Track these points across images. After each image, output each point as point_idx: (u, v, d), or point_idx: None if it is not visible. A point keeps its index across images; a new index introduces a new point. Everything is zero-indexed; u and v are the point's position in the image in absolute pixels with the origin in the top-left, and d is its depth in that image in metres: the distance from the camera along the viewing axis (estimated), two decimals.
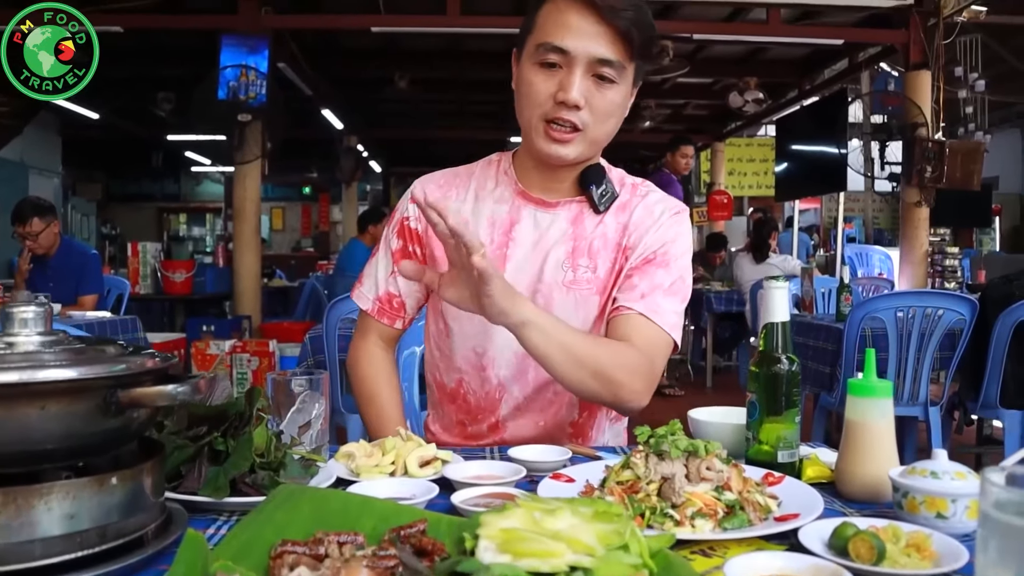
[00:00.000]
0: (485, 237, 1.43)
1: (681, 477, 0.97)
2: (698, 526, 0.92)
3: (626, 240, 1.44)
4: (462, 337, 1.49)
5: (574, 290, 1.43)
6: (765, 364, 1.17)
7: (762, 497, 0.99)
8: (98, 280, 4.59)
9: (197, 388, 0.85)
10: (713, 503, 0.95)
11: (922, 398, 3.22)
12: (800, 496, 1.02)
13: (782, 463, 1.15)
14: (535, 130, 1.33)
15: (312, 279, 7.91)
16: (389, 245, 1.51)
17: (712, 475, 0.98)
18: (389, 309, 1.51)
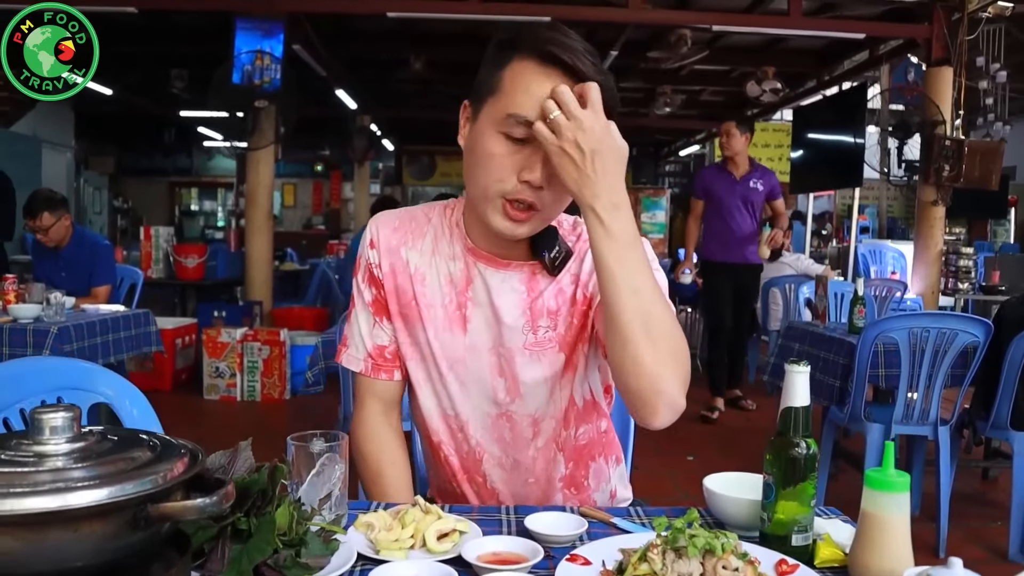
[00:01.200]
0: (444, 295, 1.41)
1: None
2: None
3: (581, 291, 1.40)
4: (434, 399, 1.47)
5: (537, 351, 1.40)
6: (783, 448, 1.17)
7: None
8: (111, 270, 4.61)
9: (224, 499, 0.87)
10: None
11: (932, 417, 3.22)
12: None
13: (796, 546, 1.16)
14: (491, 204, 1.25)
15: (322, 264, 7.94)
16: (363, 297, 1.46)
17: (728, 575, 0.99)
18: (383, 362, 1.46)
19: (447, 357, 1.43)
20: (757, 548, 1.12)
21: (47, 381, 1.56)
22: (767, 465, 1.19)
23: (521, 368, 1.41)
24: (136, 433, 0.95)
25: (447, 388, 1.44)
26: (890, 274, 7.01)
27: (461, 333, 1.41)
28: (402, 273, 1.43)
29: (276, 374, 5.99)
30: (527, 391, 1.43)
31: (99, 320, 3.78)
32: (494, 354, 1.41)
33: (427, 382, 1.46)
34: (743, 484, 1.36)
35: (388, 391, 1.49)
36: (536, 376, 1.42)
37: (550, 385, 1.44)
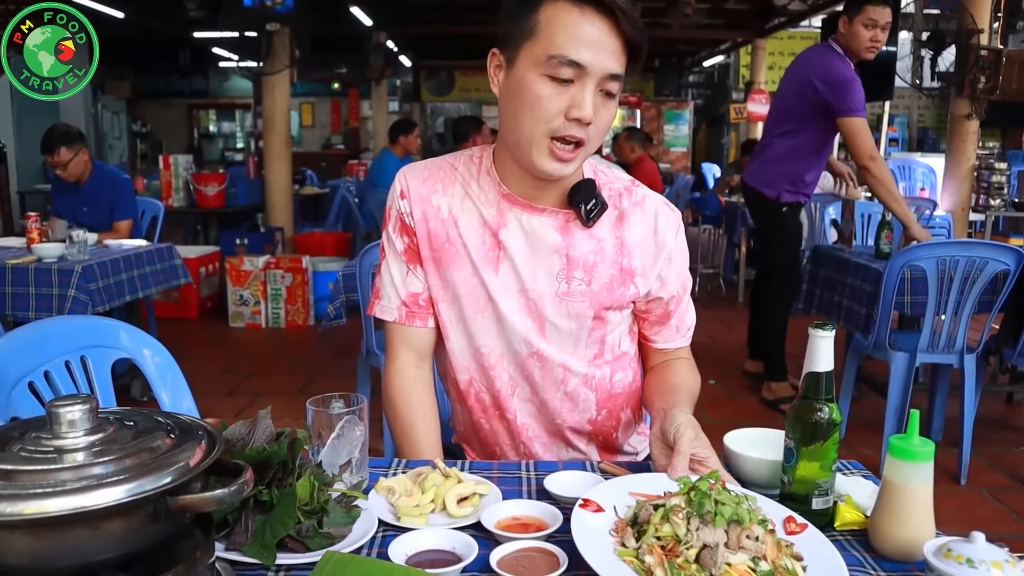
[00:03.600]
0: (477, 236, 1.43)
1: (722, 548, 0.98)
2: None
3: (627, 261, 1.44)
4: (465, 339, 1.49)
5: (567, 301, 1.43)
6: (805, 412, 1.16)
7: (790, 561, 1.00)
8: (132, 204, 4.61)
9: (244, 487, 0.87)
10: (749, 574, 0.96)
11: (958, 346, 3.19)
12: (823, 558, 1.02)
13: (816, 509, 1.16)
14: (536, 146, 1.28)
15: (342, 189, 7.90)
16: (395, 246, 1.49)
17: (751, 544, 0.99)
18: (418, 309, 1.49)
19: (480, 297, 1.45)
20: (766, 502, 1.13)
21: (70, 342, 1.57)
22: (789, 428, 1.18)
23: (550, 314, 1.44)
24: (153, 416, 0.95)
25: (479, 327, 1.47)
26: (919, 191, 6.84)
27: (493, 273, 1.43)
28: (434, 219, 1.45)
29: (300, 301, 6.04)
30: (555, 335, 1.46)
31: (123, 257, 3.80)
32: (523, 296, 1.44)
33: (459, 322, 1.48)
34: (764, 442, 1.35)
35: (421, 340, 1.51)
36: (564, 324, 1.45)
37: (576, 335, 1.46)
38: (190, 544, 0.94)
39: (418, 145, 7.23)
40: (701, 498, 1.02)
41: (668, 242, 1.45)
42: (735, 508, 1.01)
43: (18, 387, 1.46)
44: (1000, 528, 2.89)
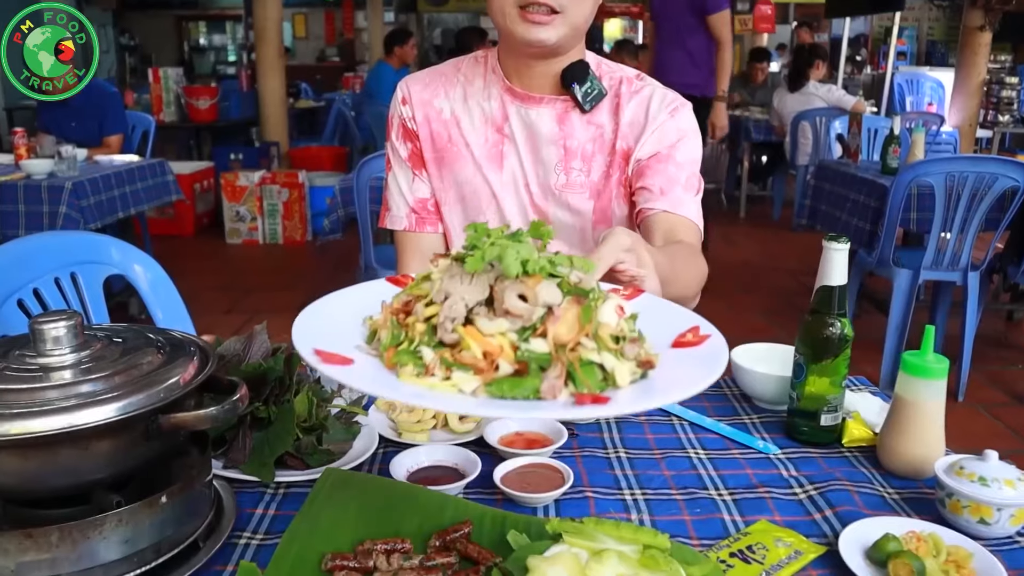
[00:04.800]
0: (479, 135, 1.42)
1: (464, 304, 0.76)
2: (455, 380, 0.72)
3: (622, 143, 1.40)
4: (461, 238, 1.47)
5: (566, 193, 1.42)
6: (816, 327, 1.13)
7: (609, 357, 0.74)
8: (121, 118, 4.50)
9: (239, 403, 0.84)
10: (497, 352, 0.72)
11: (963, 263, 3.15)
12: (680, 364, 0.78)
13: (825, 426, 1.14)
14: (509, 18, 1.27)
15: (338, 102, 7.72)
16: (399, 154, 1.48)
17: (522, 309, 0.74)
18: (427, 215, 1.49)
19: (483, 196, 1.44)
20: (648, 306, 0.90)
21: (58, 258, 1.53)
22: (799, 343, 1.15)
23: (552, 209, 1.43)
24: (143, 333, 0.92)
25: (482, 210, 1.46)
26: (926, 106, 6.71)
27: (497, 170, 1.43)
28: (436, 121, 1.44)
29: (297, 216, 5.98)
30: (560, 231, 1.45)
31: (114, 173, 3.72)
32: (527, 192, 1.43)
33: (463, 223, 1.47)
34: (772, 357, 1.33)
35: (431, 247, 1.50)
36: (567, 220, 1.44)
37: (580, 229, 1.45)
38: (186, 463, 0.92)
39: (414, 56, 7.03)
40: (494, 242, 0.78)
41: (659, 116, 1.38)
42: (528, 256, 0.76)
43: (6, 305, 1.42)
44: (997, 444, 2.89)
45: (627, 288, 0.93)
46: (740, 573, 0.86)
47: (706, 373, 0.72)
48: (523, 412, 0.75)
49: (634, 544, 0.76)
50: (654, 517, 0.97)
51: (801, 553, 0.89)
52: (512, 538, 0.84)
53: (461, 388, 0.72)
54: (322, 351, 0.73)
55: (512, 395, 0.71)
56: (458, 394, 0.71)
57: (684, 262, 1.24)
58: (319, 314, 0.83)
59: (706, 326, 0.83)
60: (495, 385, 0.71)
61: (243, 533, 0.92)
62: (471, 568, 0.83)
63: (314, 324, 0.80)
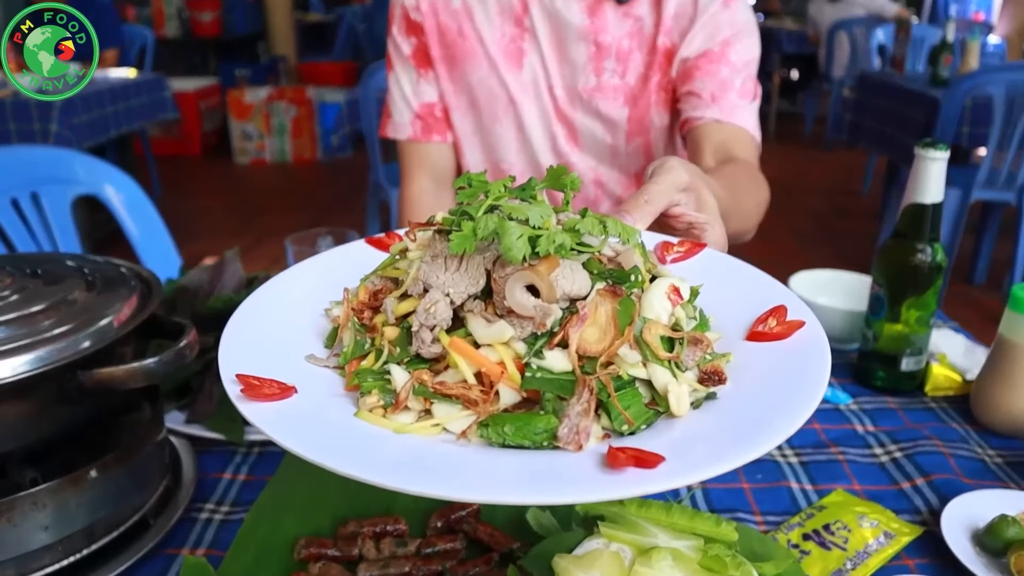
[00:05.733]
0: (495, 28, 1.21)
1: (448, 300, 0.55)
2: (438, 418, 0.52)
3: (665, 39, 1.17)
4: (483, 153, 1.29)
5: (597, 99, 1.20)
6: (903, 254, 0.93)
7: (662, 370, 0.52)
8: (116, 31, 4.25)
9: (185, 351, 0.66)
10: (496, 373, 0.52)
11: (1021, 182, 2.91)
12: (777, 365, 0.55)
13: (906, 371, 0.96)
14: None
15: (349, 15, 7.37)
16: (401, 51, 1.26)
17: (533, 308, 0.52)
18: (434, 121, 1.28)
19: (499, 100, 1.23)
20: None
21: (18, 175, 1.34)
22: (878, 274, 0.96)
23: (579, 118, 1.22)
24: (69, 264, 0.74)
25: (499, 139, 1.25)
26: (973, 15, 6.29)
27: (516, 70, 1.21)
28: (444, 11, 1.22)
29: (306, 135, 5.74)
30: (589, 144, 1.24)
31: (108, 88, 3.50)
32: (551, 96, 1.22)
33: (475, 133, 1.27)
34: (837, 286, 1.14)
35: (440, 159, 1.30)
36: (596, 131, 1.22)
37: (611, 144, 1.23)
38: (132, 422, 0.75)
39: None
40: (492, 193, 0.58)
41: (710, 7, 1.14)
42: (540, 228, 0.54)
43: None
44: None
45: (682, 243, 0.70)
46: (818, 563, 0.69)
47: (805, 392, 0.49)
48: (531, 494, 0.45)
49: (690, 537, 0.58)
50: (706, 485, 0.79)
51: (892, 536, 0.72)
52: (533, 518, 0.67)
53: (446, 429, 0.52)
54: (249, 378, 0.51)
55: (517, 441, 0.49)
56: (442, 442, 0.50)
57: (744, 190, 1.01)
58: (263, 307, 0.62)
59: (795, 305, 0.59)
60: (494, 426, 0.50)
61: (205, 505, 0.76)
62: (481, 558, 0.66)
63: (255, 324, 0.60)
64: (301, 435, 0.48)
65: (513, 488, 0.45)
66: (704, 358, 0.54)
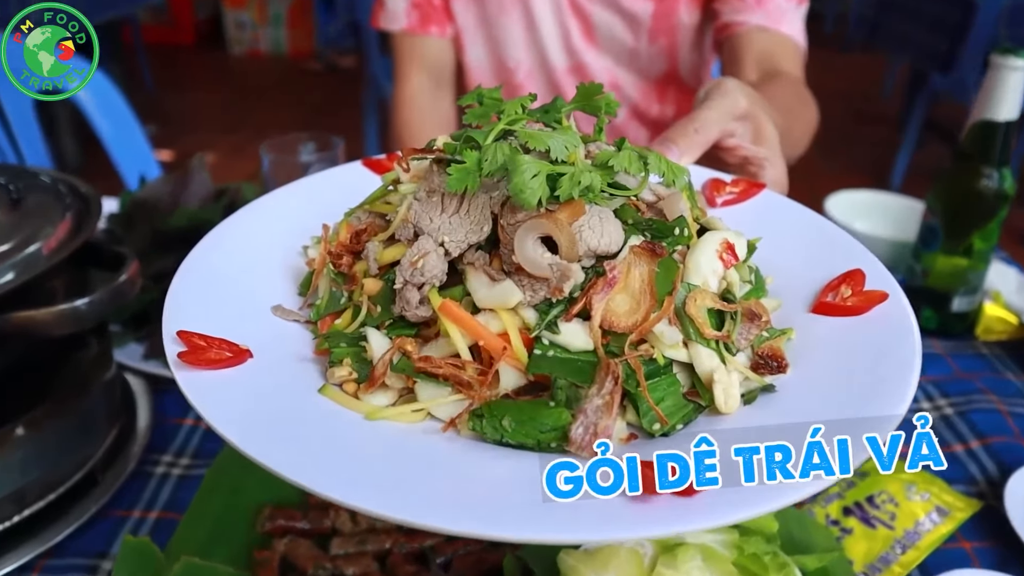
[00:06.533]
0: None
1: (442, 250, 0.44)
2: (421, 400, 0.43)
3: None
4: (487, 48, 1.15)
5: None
6: (963, 177, 0.81)
7: (717, 354, 0.42)
8: None
9: (122, 291, 0.56)
10: (498, 348, 0.41)
11: None
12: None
13: (956, 311, 0.85)
14: None
15: None
16: None
17: (547, 267, 0.41)
18: (431, 10, 1.14)
19: None
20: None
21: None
22: (933, 200, 0.84)
23: (596, 11, 1.09)
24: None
25: (505, 32, 1.12)
26: None
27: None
28: None
29: (302, 25, 5.47)
30: (605, 41, 1.11)
31: None
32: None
33: (479, 26, 1.14)
34: (880, 210, 1.02)
35: (438, 54, 1.16)
36: (615, 28, 1.10)
37: (633, 43, 1.10)
38: (73, 359, 0.65)
39: None
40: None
41: None
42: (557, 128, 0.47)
43: None
44: None
45: (736, 182, 0.59)
46: (861, 543, 0.60)
47: (889, 392, 0.39)
48: (521, 529, 0.33)
49: (723, 529, 0.49)
50: None
51: (945, 512, 0.63)
52: None
53: (431, 415, 0.42)
54: (194, 336, 0.42)
55: (518, 439, 0.39)
56: (423, 434, 0.40)
57: (795, 113, 0.89)
58: (229, 243, 0.52)
59: (876, 271, 0.47)
60: (490, 418, 0.39)
61: (162, 457, 0.67)
62: None
63: (215, 265, 0.50)
64: (245, 419, 0.38)
65: (497, 518, 0.34)
66: (760, 336, 0.43)
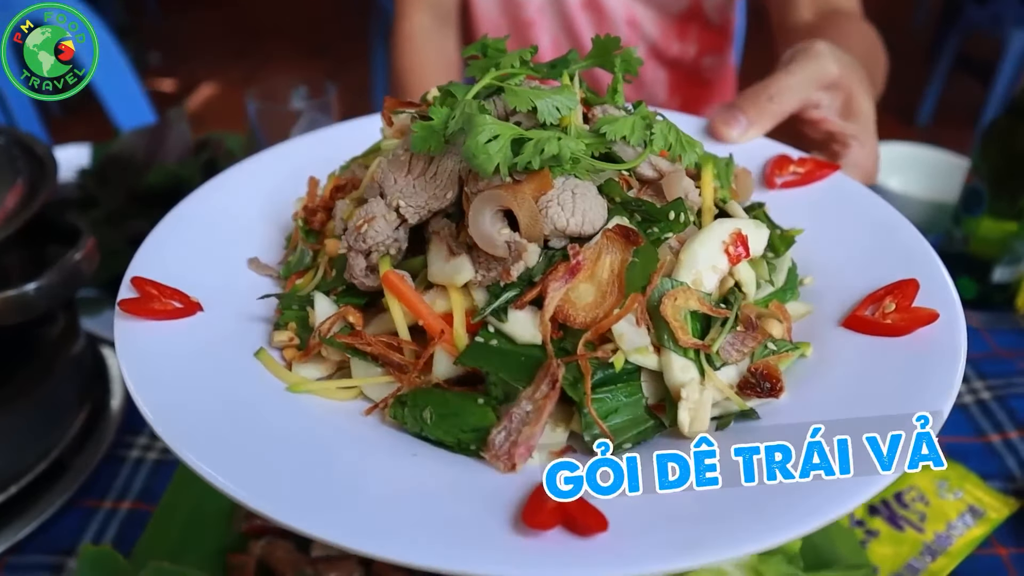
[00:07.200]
0: None
1: (396, 216, 0.40)
2: (357, 375, 0.40)
3: None
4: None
5: None
6: (1015, 135, 0.74)
7: (694, 364, 0.37)
8: None
9: (75, 272, 0.50)
10: (436, 330, 0.37)
11: None
12: None
13: (997, 282, 0.79)
14: None
15: None
16: None
17: (503, 244, 0.36)
18: None
19: None
20: None
21: None
22: (980, 159, 0.77)
23: None
24: None
25: None
26: None
27: None
28: None
29: None
30: None
31: None
32: None
33: None
34: (919, 167, 0.95)
35: None
36: None
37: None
38: (36, 334, 0.60)
39: None
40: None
41: None
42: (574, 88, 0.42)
43: None
44: None
45: (803, 161, 0.51)
46: (888, 547, 0.56)
47: (897, 442, 0.34)
48: (399, 550, 0.29)
49: None
50: None
51: (980, 513, 0.58)
52: None
53: (365, 395, 0.39)
54: (147, 283, 0.40)
55: (437, 435, 0.35)
56: (340, 416, 0.37)
57: (875, 60, 0.80)
58: (222, 191, 0.51)
59: (935, 284, 0.41)
60: (412, 407, 0.36)
61: (137, 439, 0.63)
62: None
63: (202, 213, 0.48)
64: (159, 378, 0.36)
65: (375, 534, 0.30)
66: (764, 349, 0.37)
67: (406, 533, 0.30)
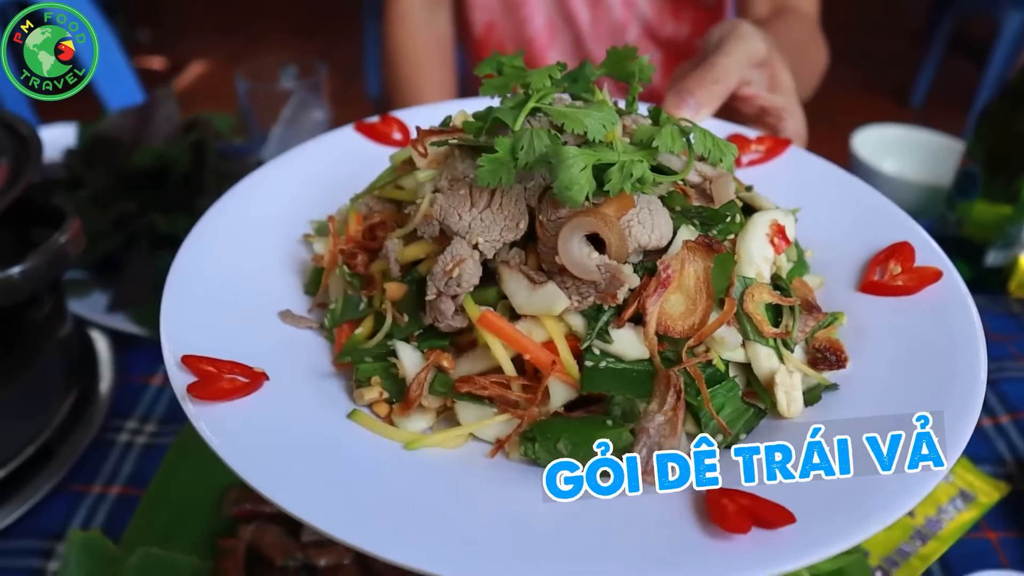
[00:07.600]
0: None
1: (476, 253, 0.39)
2: (463, 425, 0.39)
3: None
4: None
5: None
6: (1013, 118, 0.73)
7: (776, 353, 0.39)
8: None
9: (61, 256, 0.49)
10: (546, 361, 0.37)
11: None
12: None
13: (990, 266, 0.79)
14: None
15: None
16: None
17: (595, 268, 0.37)
18: None
19: None
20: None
21: None
22: (975, 143, 0.76)
23: None
24: None
25: None
26: None
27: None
28: None
29: None
30: None
31: None
32: None
33: None
34: (912, 149, 0.95)
35: None
36: None
37: None
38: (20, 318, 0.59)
39: None
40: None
41: None
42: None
43: None
44: None
45: (761, 139, 0.54)
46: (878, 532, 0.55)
47: (960, 385, 0.38)
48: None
49: None
50: None
51: (970, 497, 0.58)
52: None
53: (474, 436, 0.38)
54: (202, 362, 0.37)
55: (574, 455, 0.35)
56: (467, 466, 0.36)
57: (803, 52, 0.83)
58: (218, 237, 0.47)
59: (922, 243, 0.45)
60: (543, 440, 0.36)
61: (125, 423, 0.62)
62: None
63: (208, 266, 0.44)
64: (273, 460, 0.34)
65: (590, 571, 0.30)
66: (811, 330, 0.40)
67: (621, 561, 0.30)
